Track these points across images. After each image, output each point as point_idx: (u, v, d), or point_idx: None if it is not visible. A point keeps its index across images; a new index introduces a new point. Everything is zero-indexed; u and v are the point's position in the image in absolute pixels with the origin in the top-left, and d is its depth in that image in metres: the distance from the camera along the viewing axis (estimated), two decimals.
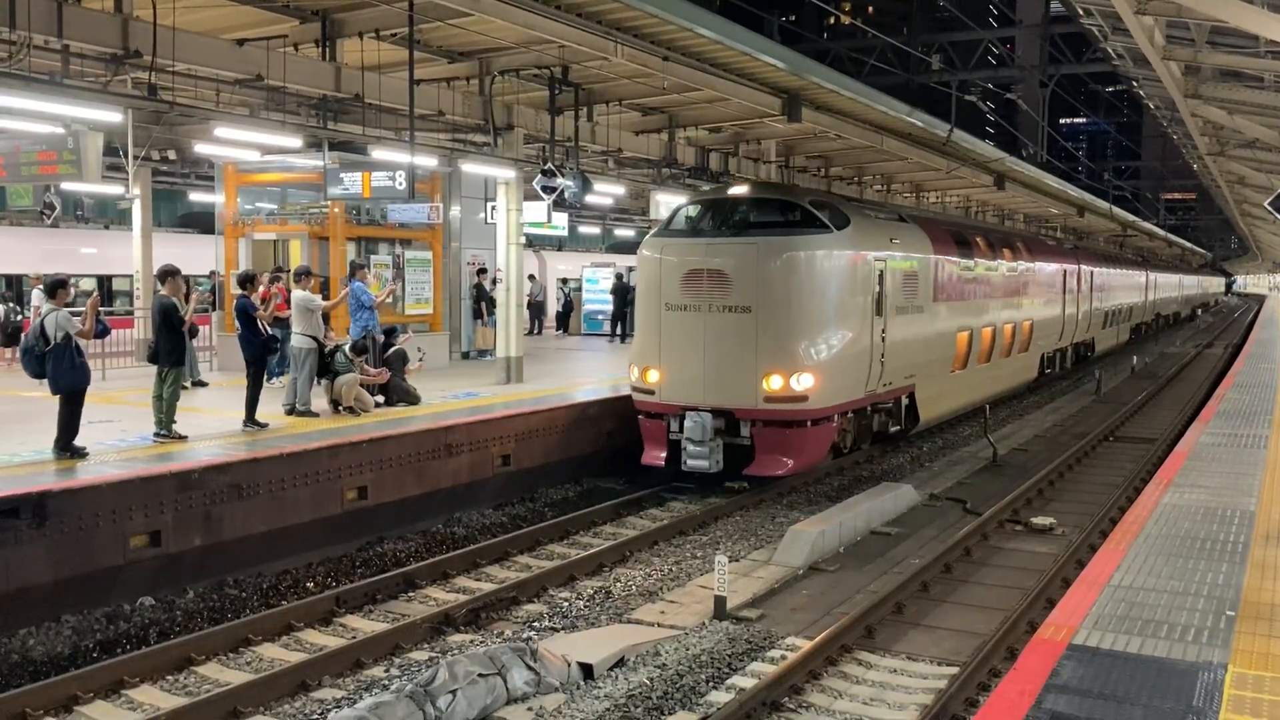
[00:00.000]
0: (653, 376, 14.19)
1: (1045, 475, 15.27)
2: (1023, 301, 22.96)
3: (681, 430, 13.78)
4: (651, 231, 15.38)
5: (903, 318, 15.72)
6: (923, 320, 16.72)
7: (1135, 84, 24.03)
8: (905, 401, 16.67)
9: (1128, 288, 39.18)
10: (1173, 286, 58.00)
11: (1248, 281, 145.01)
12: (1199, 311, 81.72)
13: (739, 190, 15.30)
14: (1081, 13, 17.31)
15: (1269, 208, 21.60)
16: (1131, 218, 52.94)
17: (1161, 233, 66.57)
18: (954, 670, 8.10)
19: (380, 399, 14.74)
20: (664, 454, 14.12)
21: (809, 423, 13.65)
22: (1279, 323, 46.76)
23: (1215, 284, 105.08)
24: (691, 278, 13.80)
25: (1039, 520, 12.76)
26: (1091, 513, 13.23)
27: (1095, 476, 15.96)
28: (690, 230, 14.42)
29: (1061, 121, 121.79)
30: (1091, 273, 31.00)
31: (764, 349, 13.47)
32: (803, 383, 13.40)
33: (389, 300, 16.76)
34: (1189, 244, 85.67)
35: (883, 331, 14.94)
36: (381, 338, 15.90)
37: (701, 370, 13.77)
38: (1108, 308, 34.57)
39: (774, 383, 13.44)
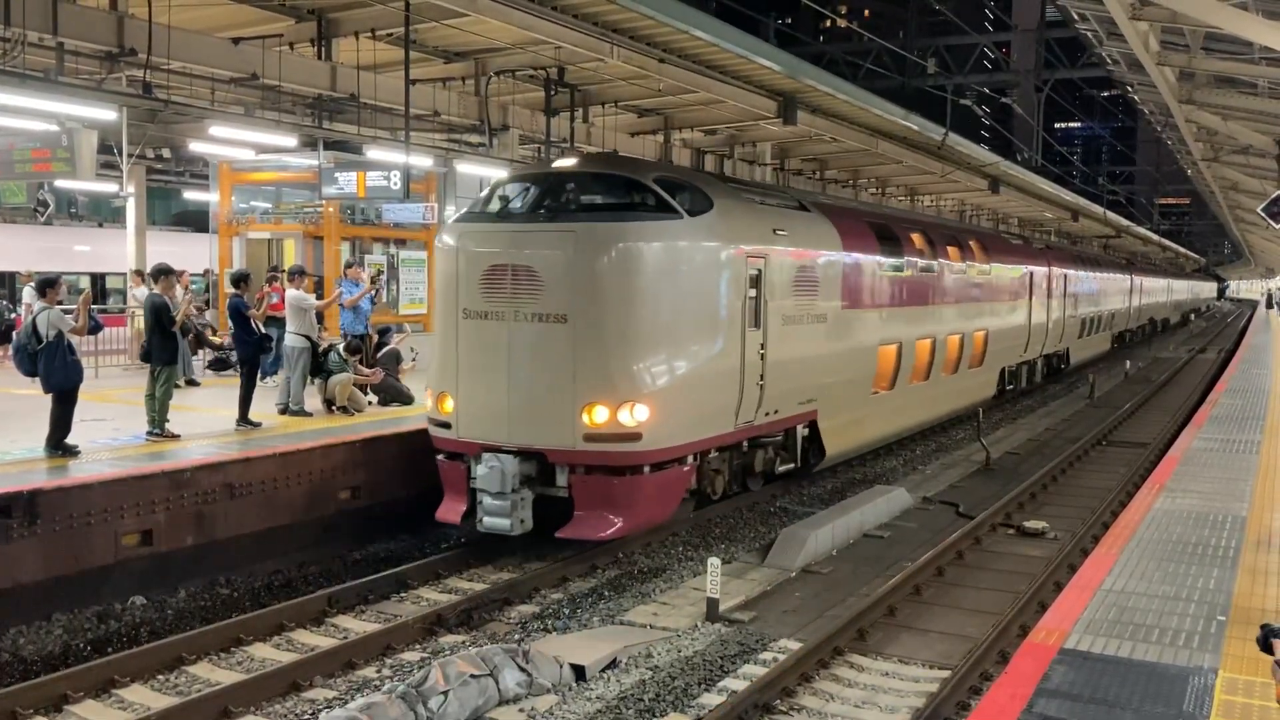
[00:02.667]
0: (450, 405, 11.03)
1: (1038, 479, 15.29)
2: (975, 308, 20.17)
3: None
4: (456, 214, 12.66)
5: (795, 330, 12.81)
6: (826, 333, 13.78)
7: (1130, 89, 24.11)
8: (804, 432, 13.81)
9: (1109, 292, 36.37)
10: (1160, 291, 55.12)
11: (1240, 287, 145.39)
12: (1192, 316, 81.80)
13: (566, 163, 12.25)
14: (1076, 18, 17.37)
15: (1262, 213, 21.67)
16: (1126, 222, 53.14)
17: (1155, 237, 66.82)
18: (946, 673, 8.10)
19: (374, 399, 14.73)
20: (464, 507, 10.88)
21: (645, 468, 10.59)
22: (1272, 328, 46.89)
23: (1207, 289, 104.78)
24: (493, 276, 10.65)
25: (1031, 524, 12.78)
26: (1084, 517, 13.25)
27: (1088, 481, 15.99)
28: (498, 214, 11.25)
29: (1056, 126, 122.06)
30: (1065, 276, 28.13)
31: (584, 372, 10.37)
32: (636, 416, 10.34)
33: (367, 302, 15.56)
34: (1182, 249, 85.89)
35: (762, 347, 12.01)
36: (376, 337, 15.88)
37: (506, 399, 10.61)
38: (1085, 314, 31.54)
39: (597, 416, 10.32)
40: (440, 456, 11.23)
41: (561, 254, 10.47)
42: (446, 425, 11.08)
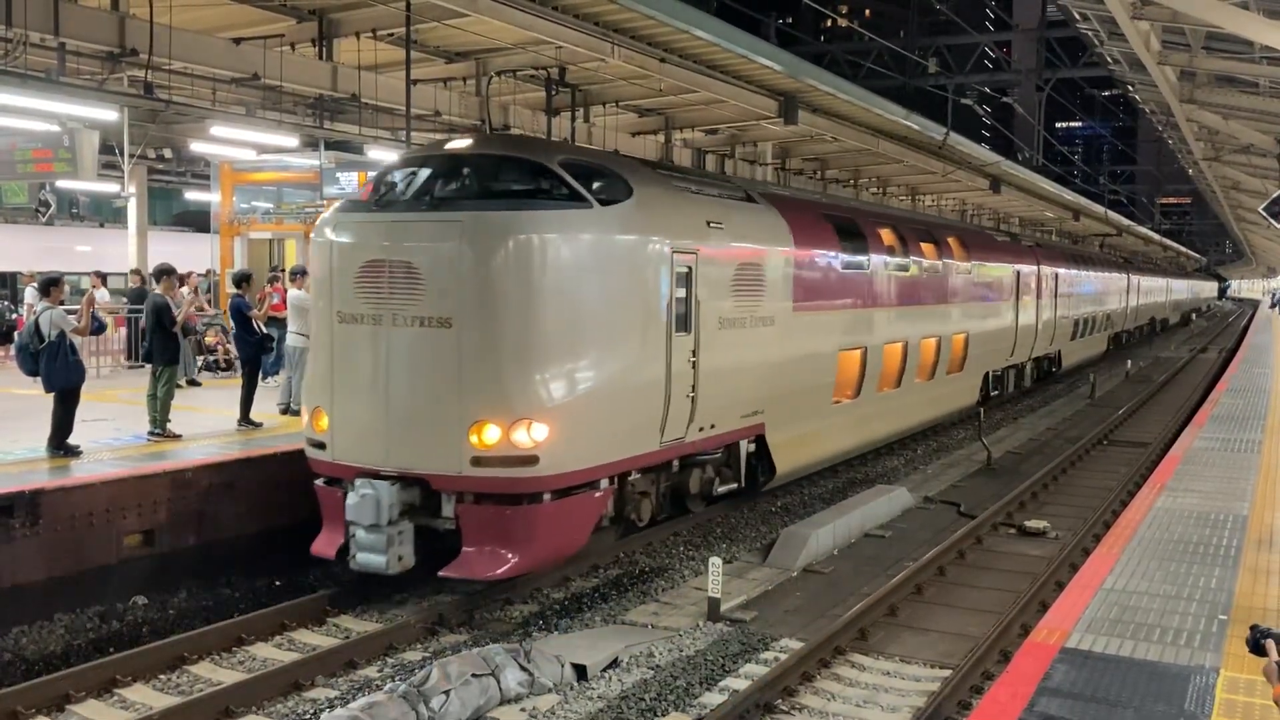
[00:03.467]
0: (325, 422, 9.68)
1: (1039, 479, 15.29)
2: (954, 310, 18.95)
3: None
4: (337, 204, 11.19)
5: (735, 334, 11.63)
6: (775, 337, 12.52)
7: (1131, 89, 24.10)
8: (750, 448, 12.60)
9: (1105, 292, 35.15)
10: (1159, 291, 53.98)
11: (1242, 286, 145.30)
12: (1194, 316, 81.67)
13: (459, 143, 10.63)
14: (1078, 17, 17.36)
15: (1263, 213, 21.67)
16: (1127, 222, 53.11)
17: (1157, 237, 66.79)
18: (947, 673, 8.11)
19: None
20: (341, 539, 9.42)
21: (545, 496, 9.26)
22: (1273, 328, 46.89)
23: (1207, 288, 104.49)
24: (368, 273, 9.36)
25: (1033, 523, 12.78)
26: (1085, 516, 13.25)
27: (1089, 480, 15.99)
28: (378, 202, 9.85)
29: (1057, 125, 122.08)
30: (1056, 275, 26.94)
31: (471, 384, 9.05)
32: (533, 435, 9.03)
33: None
34: (1183, 248, 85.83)
35: (693, 354, 10.77)
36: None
37: (384, 416, 9.31)
38: (1079, 315, 30.36)
39: (487, 435, 9.00)
40: (318, 481, 9.83)
41: (445, 248, 9.15)
42: (322, 446, 9.71)
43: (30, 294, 18.03)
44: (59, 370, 10.59)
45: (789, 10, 79.36)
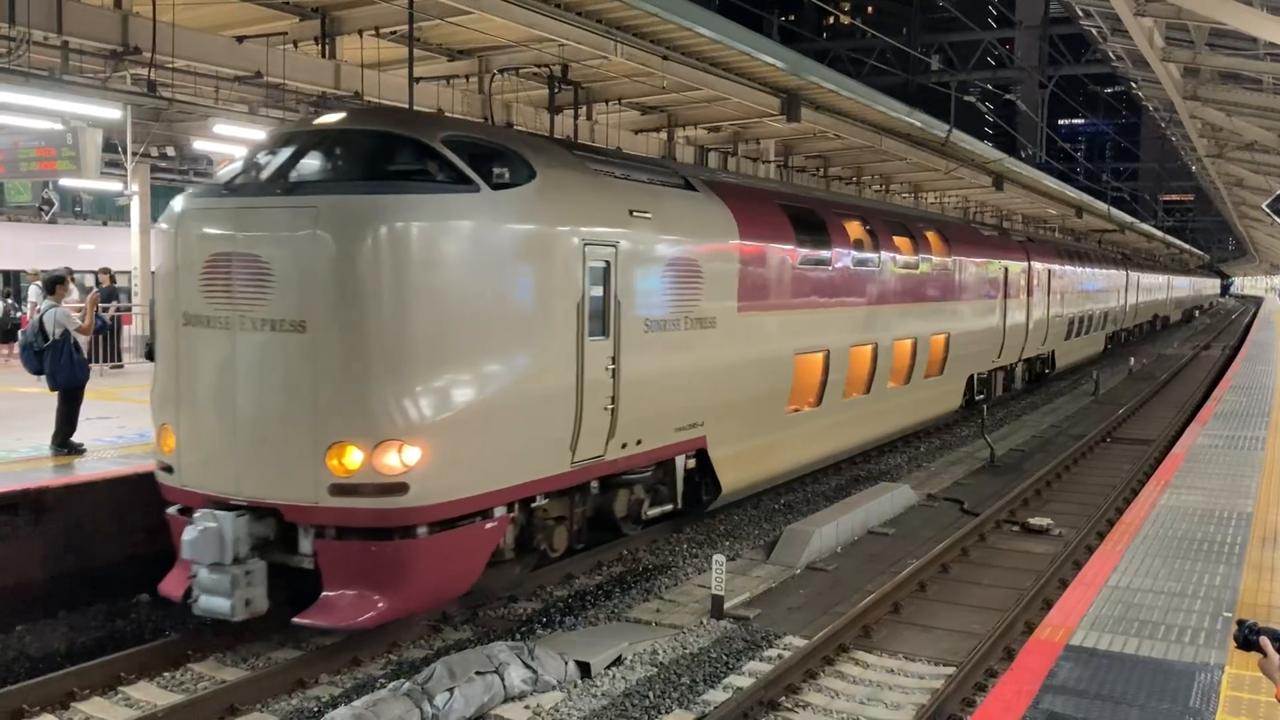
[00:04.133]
0: (173, 442, 8.46)
1: (1043, 476, 15.28)
2: (933, 309, 17.83)
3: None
4: (191, 188, 9.78)
5: (666, 338, 10.52)
6: (717, 340, 11.41)
7: (1134, 85, 24.08)
8: (689, 464, 11.40)
9: (1102, 290, 34.08)
10: (1159, 288, 52.63)
11: (1245, 283, 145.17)
12: (1196, 313, 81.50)
13: (329, 118, 9.37)
14: (1081, 14, 17.34)
15: (1267, 210, 21.65)
16: (1129, 219, 53.03)
17: (1159, 234, 66.68)
18: (951, 670, 8.10)
19: None
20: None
21: (419, 529, 8.07)
22: (1276, 325, 46.85)
23: (1210, 285, 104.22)
24: (214, 269, 8.12)
25: (1036, 521, 12.77)
26: (1089, 514, 13.24)
27: (1093, 477, 15.98)
28: (231, 186, 8.60)
29: (1060, 122, 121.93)
30: (1049, 271, 25.78)
31: (329, 399, 7.85)
32: (404, 458, 7.86)
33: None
34: (1186, 245, 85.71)
35: (613, 361, 9.62)
36: None
37: (233, 435, 8.09)
38: (1073, 314, 29.22)
39: (348, 459, 7.82)
40: (170, 509, 8.59)
41: (297, 238, 7.93)
42: (170, 469, 8.49)
43: (34, 292, 18.08)
44: (63, 368, 10.62)
45: (791, 7, 79.34)
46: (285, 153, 8.58)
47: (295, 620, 7.91)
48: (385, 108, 13.83)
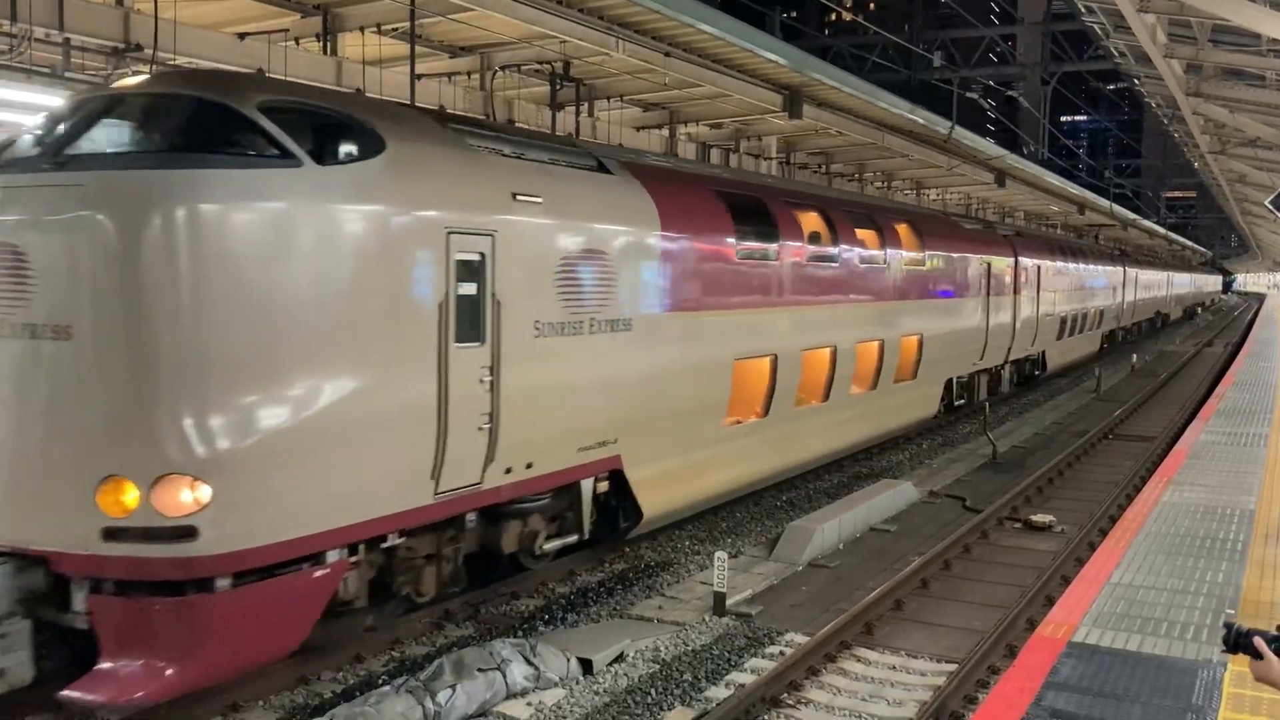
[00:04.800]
0: None
1: (1045, 473, 15.27)
2: (904, 308, 16.56)
3: None
4: None
5: (565, 344, 9.07)
6: (635, 346, 10.05)
7: (1137, 82, 24.04)
8: (600, 487, 10.11)
9: (1098, 287, 33.02)
10: (1159, 285, 51.29)
11: (1247, 280, 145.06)
12: (1199, 310, 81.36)
13: (129, 81, 7.88)
14: (1083, 10, 17.30)
15: (1269, 206, 21.60)
16: (1132, 215, 52.96)
17: (1162, 231, 66.60)
18: (953, 667, 8.10)
19: None
20: None
21: (220, 581, 6.69)
22: (1278, 321, 46.80)
23: (1211, 282, 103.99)
24: None
25: (1039, 518, 12.77)
26: (1091, 510, 13.24)
27: (1095, 474, 15.97)
28: (9, 159, 7.21)
29: (1062, 119, 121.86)
30: (1039, 267, 24.57)
31: (100, 423, 6.53)
32: (197, 495, 6.53)
33: None
34: (1189, 242, 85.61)
35: (490, 371, 8.20)
36: None
37: None
38: (1066, 312, 28.08)
39: (126, 496, 6.49)
40: None
41: (63, 223, 6.57)
42: None
43: None
44: None
45: (793, 4, 79.30)
46: (73, 122, 7.16)
47: (62, 695, 6.44)
48: (199, 70, 11.51)
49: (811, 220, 14.17)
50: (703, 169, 14.77)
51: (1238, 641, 3.22)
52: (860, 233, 15.21)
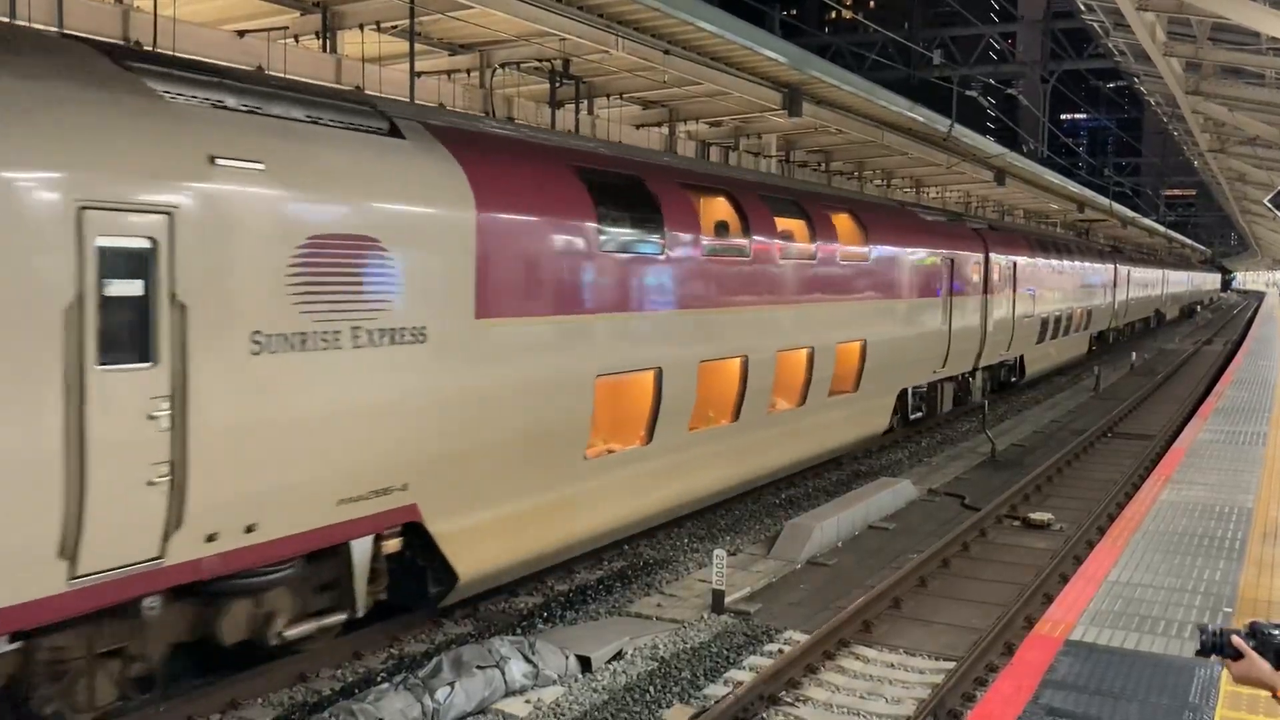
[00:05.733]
0: None
1: (1043, 471, 15.28)
2: (843, 310, 14.54)
3: None
4: None
5: (309, 362, 6.93)
6: (429, 361, 7.88)
7: (1136, 80, 24.04)
8: (388, 548, 7.90)
9: (1085, 285, 31.21)
10: (1153, 283, 49.03)
11: (1247, 278, 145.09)
12: (1198, 308, 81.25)
13: None
14: (1083, 9, 17.30)
15: (1269, 204, 21.61)
16: (1131, 214, 52.97)
17: (1161, 229, 66.59)
18: (951, 665, 8.12)
19: None
20: None
21: None
22: (1278, 319, 46.80)
23: (1210, 280, 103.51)
24: None
25: (1037, 516, 12.78)
26: (1089, 509, 13.25)
27: (1093, 472, 15.98)
28: None
29: (1062, 117, 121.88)
30: (1014, 264, 22.62)
31: None
32: None
33: None
34: (1188, 240, 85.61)
35: (168, 401, 6.16)
36: None
37: None
38: (1049, 313, 26.23)
39: None
40: None
41: None
42: None
43: None
44: None
45: (793, 2, 79.31)
46: None
47: None
48: None
49: (716, 206, 12.26)
50: (566, 141, 11.34)
51: (1214, 644, 3.03)
52: (783, 222, 13.30)
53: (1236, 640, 2.97)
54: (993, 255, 21.23)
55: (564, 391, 9.29)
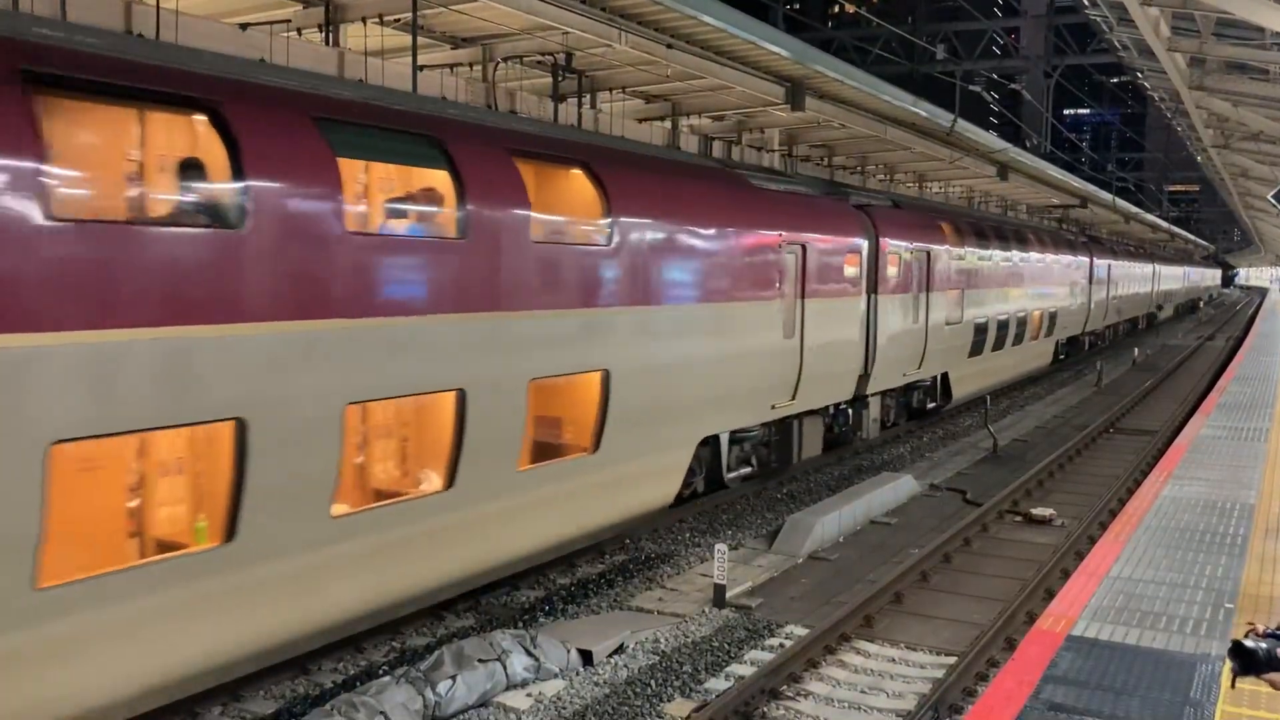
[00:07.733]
0: None
1: (1045, 466, 15.28)
2: (529, 328, 8.85)
3: None
4: None
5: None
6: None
7: (1140, 75, 23.98)
8: None
9: (1046, 282, 26.24)
10: (1141, 280, 42.75)
11: (1250, 274, 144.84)
12: (1201, 304, 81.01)
13: None
14: (1087, 3, 17.26)
15: (1272, 200, 21.57)
16: (1134, 209, 52.89)
17: (1164, 224, 66.48)
18: (952, 660, 8.12)
19: None
20: None
21: None
22: None
23: (1210, 276, 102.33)
24: None
25: (1039, 511, 12.78)
26: (1091, 504, 13.25)
27: (1095, 468, 15.97)
28: None
29: (1065, 112, 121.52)
30: (927, 254, 17.79)
31: None
32: None
33: None
34: (1191, 235, 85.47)
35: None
36: None
37: None
38: (987, 317, 20.85)
39: None
40: None
41: None
42: None
43: None
44: None
45: None
46: None
47: None
48: None
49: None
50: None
51: (1269, 660, 2.86)
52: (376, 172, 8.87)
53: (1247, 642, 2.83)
54: (887, 242, 16.08)
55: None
